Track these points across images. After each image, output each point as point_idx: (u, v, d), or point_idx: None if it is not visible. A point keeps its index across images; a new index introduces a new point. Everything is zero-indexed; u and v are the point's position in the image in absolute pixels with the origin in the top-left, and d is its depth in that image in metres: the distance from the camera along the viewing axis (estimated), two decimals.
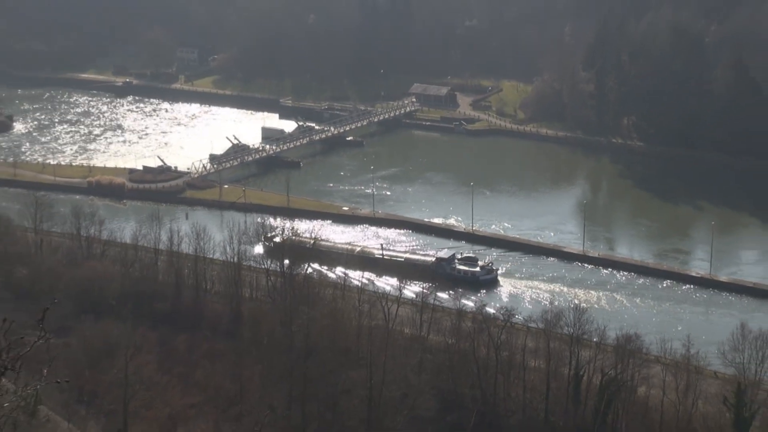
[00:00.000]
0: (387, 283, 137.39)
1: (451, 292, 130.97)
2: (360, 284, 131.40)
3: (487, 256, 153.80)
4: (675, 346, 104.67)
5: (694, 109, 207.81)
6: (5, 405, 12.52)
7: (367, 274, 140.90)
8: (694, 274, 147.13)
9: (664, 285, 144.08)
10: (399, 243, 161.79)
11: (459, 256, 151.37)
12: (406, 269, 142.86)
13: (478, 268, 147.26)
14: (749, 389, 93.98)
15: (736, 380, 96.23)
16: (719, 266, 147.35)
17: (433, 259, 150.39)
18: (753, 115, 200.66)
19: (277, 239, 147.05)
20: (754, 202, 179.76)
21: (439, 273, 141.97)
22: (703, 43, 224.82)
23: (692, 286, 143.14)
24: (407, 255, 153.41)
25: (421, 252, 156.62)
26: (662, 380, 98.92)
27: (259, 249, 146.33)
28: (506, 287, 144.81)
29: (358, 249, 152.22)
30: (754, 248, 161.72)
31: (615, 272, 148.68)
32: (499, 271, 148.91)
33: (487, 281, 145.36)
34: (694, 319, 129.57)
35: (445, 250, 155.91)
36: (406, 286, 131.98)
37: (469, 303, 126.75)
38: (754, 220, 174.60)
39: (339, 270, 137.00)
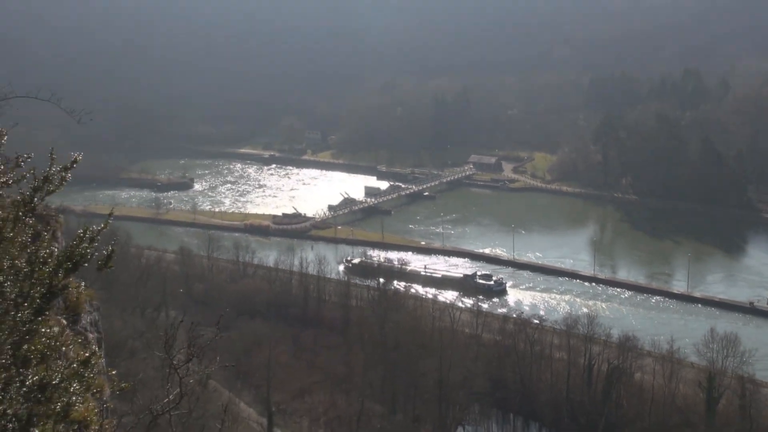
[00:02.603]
0: (428, 292, 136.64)
1: (473, 298, 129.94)
2: (432, 297, 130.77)
3: (500, 273, 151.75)
4: (661, 344, 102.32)
5: (674, 173, 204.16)
6: (191, 381, 12.62)
7: (416, 286, 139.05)
8: (675, 291, 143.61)
9: (653, 299, 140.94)
10: (452, 266, 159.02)
11: (479, 273, 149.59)
12: (442, 282, 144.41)
13: (492, 282, 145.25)
14: (717, 376, 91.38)
15: (708, 369, 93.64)
16: (694, 285, 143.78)
17: (461, 275, 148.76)
18: (716, 177, 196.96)
19: (354, 261, 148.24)
20: (719, 238, 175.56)
21: (465, 285, 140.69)
22: (679, 126, 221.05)
23: (674, 300, 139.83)
24: (443, 272, 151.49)
25: (453, 270, 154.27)
26: (652, 369, 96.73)
27: (341, 268, 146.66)
28: (512, 296, 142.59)
29: (409, 268, 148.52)
30: (719, 272, 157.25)
31: (617, 289, 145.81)
32: (507, 284, 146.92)
33: (499, 291, 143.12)
34: (676, 324, 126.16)
35: (470, 269, 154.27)
36: (442, 293, 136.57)
37: (485, 306, 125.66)
38: (718, 251, 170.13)
39: (396, 282, 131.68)
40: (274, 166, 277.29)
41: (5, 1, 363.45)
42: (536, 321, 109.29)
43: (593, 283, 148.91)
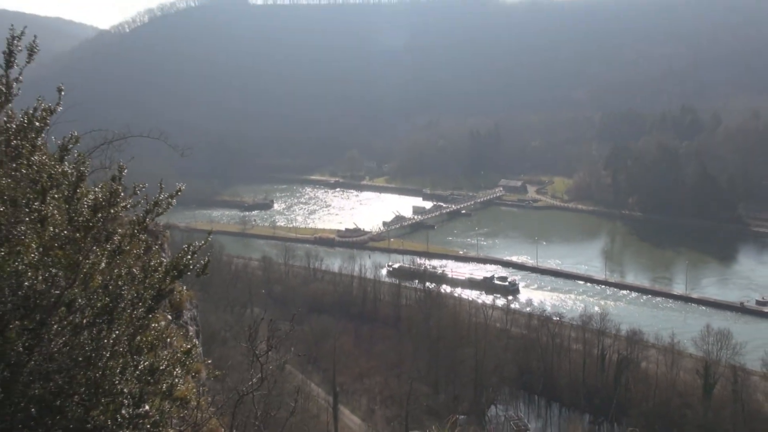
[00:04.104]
0: (455, 291, 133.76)
1: (491, 296, 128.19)
2: (469, 298, 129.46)
3: (515, 276, 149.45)
4: (664, 337, 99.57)
5: (674, 193, 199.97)
6: (270, 367, 12.75)
7: (445, 286, 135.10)
8: (675, 292, 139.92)
9: (656, 299, 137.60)
10: (475, 269, 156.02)
11: (496, 276, 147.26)
12: (466, 283, 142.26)
13: (507, 283, 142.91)
14: (713, 365, 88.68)
15: (704, 360, 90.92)
16: (691, 288, 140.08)
17: (482, 277, 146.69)
18: (711, 197, 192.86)
19: (395, 266, 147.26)
20: (713, 248, 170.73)
21: (484, 285, 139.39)
22: (677, 153, 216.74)
23: (674, 300, 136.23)
24: (467, 275, 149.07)
25: (475, 273, 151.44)
26: (656, 359, 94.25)
27: (384, 271, 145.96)
28: (523, 294, 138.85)
29: (440, 271, 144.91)
30: (713, 277, 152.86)
31: (625, 291, 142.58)
32: (520, 285, 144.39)
33: (513, 290, 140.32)
34: (676, 321, 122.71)
35: (489, 272, 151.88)
36: (465, 292, 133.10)
37: (500, 302, 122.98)
38: (712, 259, 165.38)
39: (428, 283, 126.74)
40: (338, 189, 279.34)
41: (130, 61, 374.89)
42: (556, 317, 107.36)
43: (604, 286, 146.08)
